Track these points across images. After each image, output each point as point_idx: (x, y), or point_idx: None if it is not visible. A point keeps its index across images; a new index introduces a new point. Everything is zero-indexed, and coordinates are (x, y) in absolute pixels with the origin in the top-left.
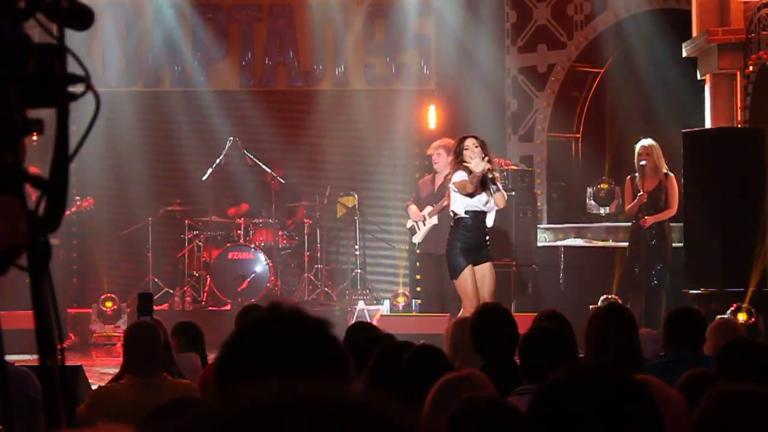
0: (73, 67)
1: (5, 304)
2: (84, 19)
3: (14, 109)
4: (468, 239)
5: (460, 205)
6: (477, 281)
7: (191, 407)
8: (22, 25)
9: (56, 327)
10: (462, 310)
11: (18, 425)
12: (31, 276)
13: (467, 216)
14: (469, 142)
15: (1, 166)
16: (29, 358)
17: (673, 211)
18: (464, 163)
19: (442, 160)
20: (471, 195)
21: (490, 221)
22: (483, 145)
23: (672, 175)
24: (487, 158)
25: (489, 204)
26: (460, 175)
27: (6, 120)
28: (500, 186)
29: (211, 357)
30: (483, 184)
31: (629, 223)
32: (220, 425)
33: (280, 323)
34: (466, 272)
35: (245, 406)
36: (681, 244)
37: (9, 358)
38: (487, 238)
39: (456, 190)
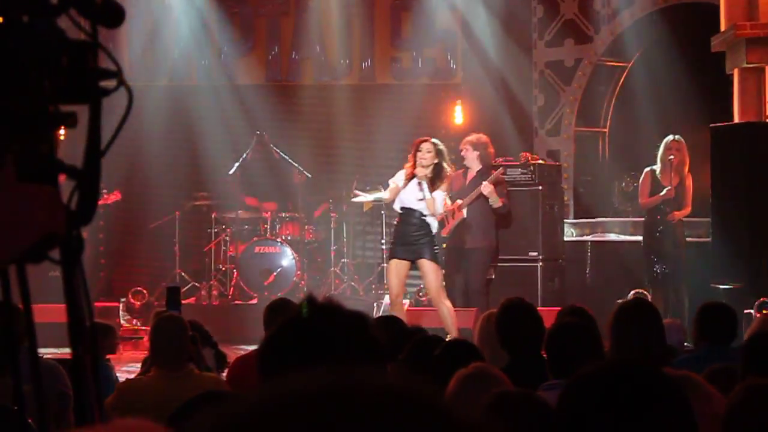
0: (101, 63)
1: (33, 298)
2: (116, 15)
3: (49, 102)
4: (398, 233)
5: (398, 201)
6: (422, 278)
7: (226, 400)
8: (55, 20)
9: (89, 321)
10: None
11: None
12: (63, 269)
13: (402, 212)
14: (424, 146)
15: (37, 156)
16: (56, 352)
17: (689, 209)
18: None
19: (469, 155)
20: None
21: (430, 221)
22: (439, 153)
23: (690, 174)
24: (431, 166)
25: (420, 203)
26: (401, 175)
27: (41, 112)
28: (428, 194)
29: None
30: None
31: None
32: (264, 415)
33: (318, 316)
34: (390, 264)
35: (287, 396)
36: (708, 239)
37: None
38: (425, 233)
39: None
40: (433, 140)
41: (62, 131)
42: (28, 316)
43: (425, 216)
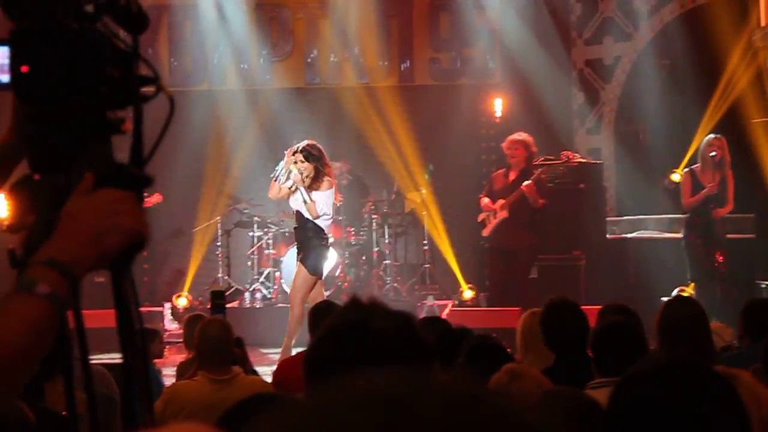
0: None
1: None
2: (142, 23)
3: (106, 108)
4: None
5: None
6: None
7: (277, 403)
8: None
9: (139, 325)
10: None
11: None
12: (113, 275)
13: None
14: (296, 157)
15: (108, 163)
16: (101, 357)
17: (732, 206)
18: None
19: (519, 154)
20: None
21: (311, 225)
22: (309, 158)
23: (731, 171)
24: (300, 174)
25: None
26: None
27: (101, 118)
28: (308, 197)
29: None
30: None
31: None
32: (325, 419)
33: (363, 317)
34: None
35: (353, 397)
36: (752, 236)
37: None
38: (304, 238)
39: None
40: (302, 149)
41: None
42: (79, 323)
43: (306, 218)
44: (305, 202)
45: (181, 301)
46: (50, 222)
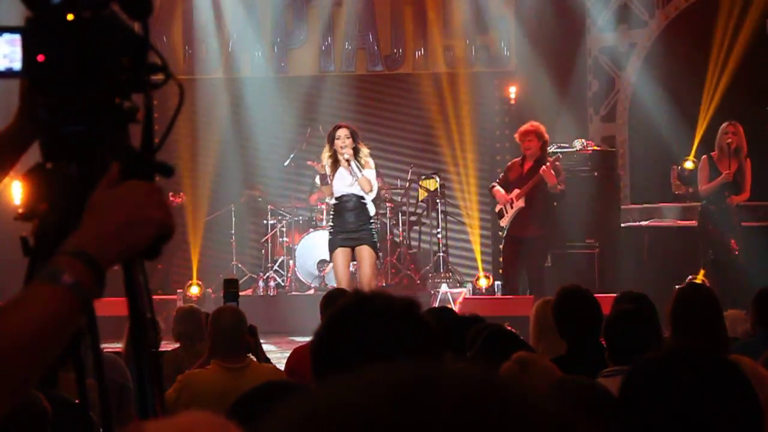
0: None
1: None
2: (146, 9)
3: (120, 97)
4: (338, 223)
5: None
6: (358, 264)
7: (289, 391)
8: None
9: (150, 313)
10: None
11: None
12: (124, 264)
13: (336, 201)
14: (341, 132)
15: (131, 154)
16: (111, 345)
17: (748, 194)
18: (335, 152)
19: (534, 145)
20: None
21: (369, 205)
22: (354, 135)
23: (748, 159)
24: (352, 149)
25: (354, 186)
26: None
27: (118, 107)
28: (361, 173)
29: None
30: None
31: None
32: (333, 410)
33: (368, 307)
34: (336, 255)
35: (360, 388)
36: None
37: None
38: (365, 220)
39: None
40: (346, 127)
41: None
42: (90, 311)
43: (363, 200)
44: (357, 177)
45: (193, 290)
46: (64, 211)
